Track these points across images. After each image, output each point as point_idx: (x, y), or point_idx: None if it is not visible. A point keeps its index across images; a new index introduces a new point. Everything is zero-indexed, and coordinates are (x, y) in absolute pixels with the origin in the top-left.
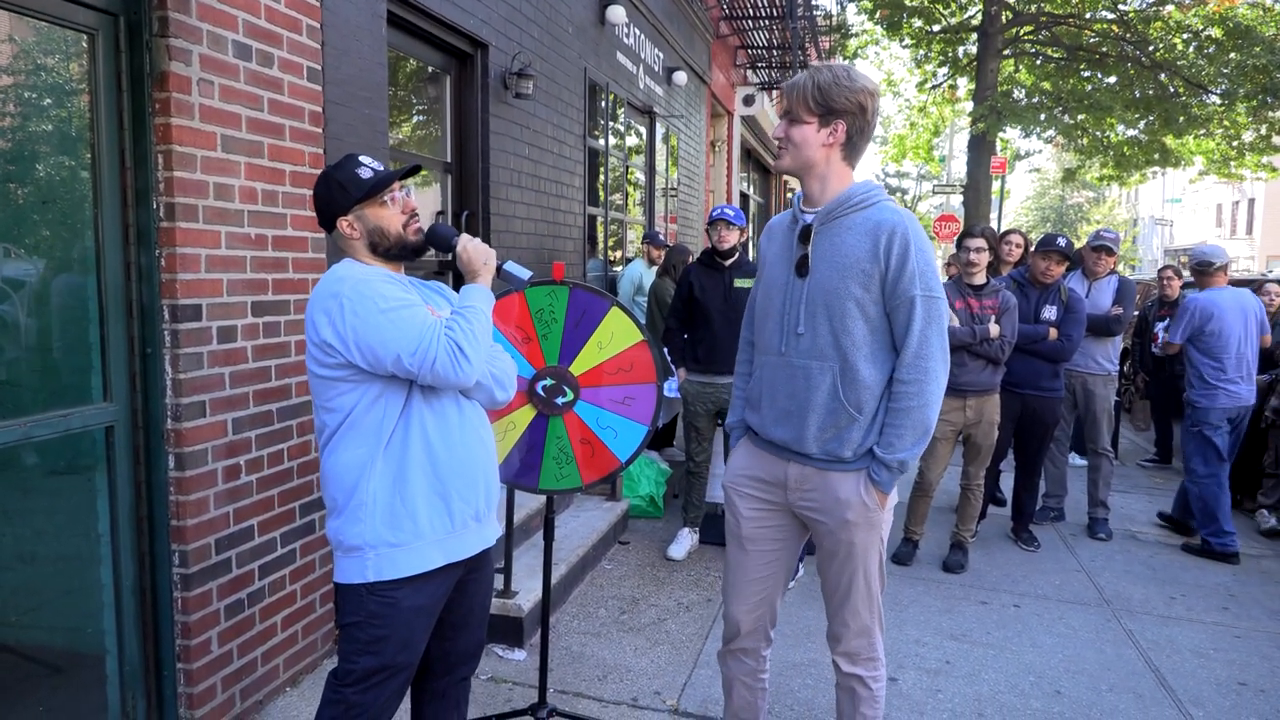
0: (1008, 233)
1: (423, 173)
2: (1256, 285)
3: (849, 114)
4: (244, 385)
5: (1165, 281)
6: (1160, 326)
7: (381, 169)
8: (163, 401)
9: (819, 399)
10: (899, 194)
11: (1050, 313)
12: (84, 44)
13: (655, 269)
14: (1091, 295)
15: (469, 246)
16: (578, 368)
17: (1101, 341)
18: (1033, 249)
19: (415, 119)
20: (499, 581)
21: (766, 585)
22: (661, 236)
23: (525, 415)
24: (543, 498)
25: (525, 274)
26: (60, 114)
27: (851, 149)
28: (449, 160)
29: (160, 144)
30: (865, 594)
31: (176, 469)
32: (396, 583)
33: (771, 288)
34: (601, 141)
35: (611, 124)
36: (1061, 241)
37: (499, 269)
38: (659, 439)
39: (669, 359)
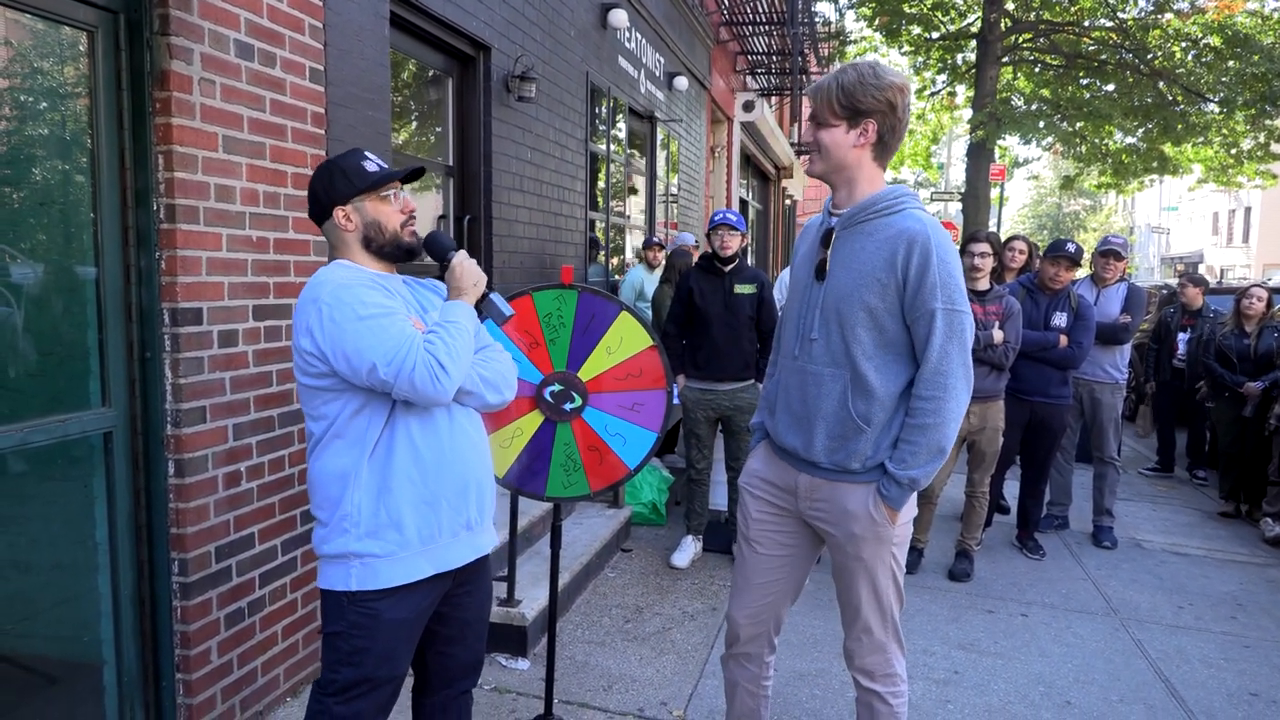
0: (1011, 239)
1: (425, 175)
2: (1240, 291)
3: (878, 113)
4: (245, 390)
5: (1182, 290)
6: (1183, 338)
7: (385, 166)
8: (162, 407)
9: (828, 407)
10: None
11: (1060, 319)
12: (83, 42)
13: (656, 273)
14: (1100, 303)
15: (464, 264)
16: (586, 373)
17: (1109, 350)
18: (1041, 254)
19: (417, 121)
20: (502, 590)
21: (771, 591)
22: (659, 240)
23: (532, 421)
24: (546, 505)
25: (507, 311)
26: (59, 113)
27: (883, 149)
28: (451, 163)
29: (160, 144)
30: (876, 609)
31: (176, 475)
32: (379, 593)
33: (794, 290)
34: (603, 146)
35: (613, 129)
36: (1071, 247)
37: (485, 296)
38: (661, 445)
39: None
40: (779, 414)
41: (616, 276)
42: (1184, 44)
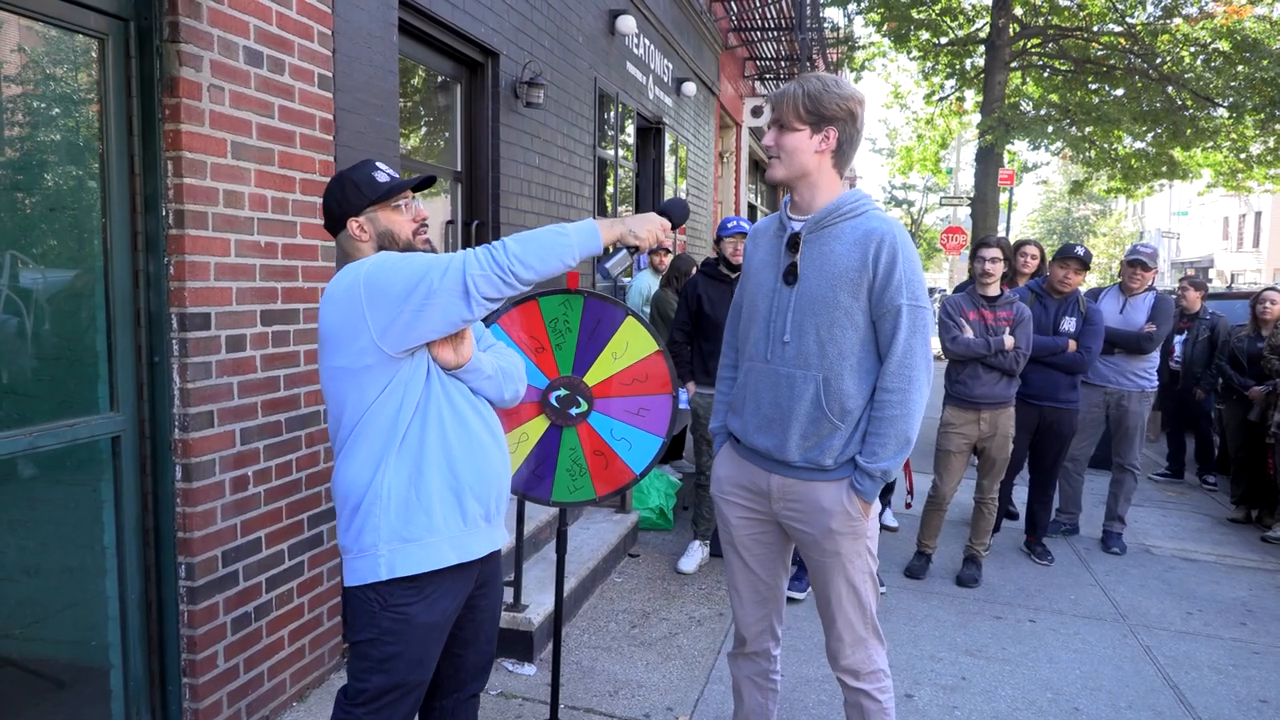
0: (1023, 243)
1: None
2: (1255, 296)
3: (839, 121)
4: (252, 395)
5: (1181, 293)
6: (1179, 339)
7: (396, 176)
8: (170, 411)
9: (802, 408)
10: (905, 206)
11: (1069, 324)
12: (94, 49)
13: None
14: (1127, 311)
15: (651, 218)
16: (592, 378)
17: (1135, 358)
18: (1050, 258)
19: (426, 127)
20: (508, 595)
21: (767, 586)
22: (667, 245)
23: (538, 426)
24: (552, 510)
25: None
26: (69, 120)
27: (841, 156)
28: (459, 169)
29: (170, 150)
30: (855, 604)
31: (183, 480)
32: (410, 590)
33: (758, 294)
34: (611, 151)
35: (621, 134)
36: (1080, 250)
37: (620, 247)
38: (668, 451)
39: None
40: (748, 417)
41: (625, 279)
42: (1193, 49)
